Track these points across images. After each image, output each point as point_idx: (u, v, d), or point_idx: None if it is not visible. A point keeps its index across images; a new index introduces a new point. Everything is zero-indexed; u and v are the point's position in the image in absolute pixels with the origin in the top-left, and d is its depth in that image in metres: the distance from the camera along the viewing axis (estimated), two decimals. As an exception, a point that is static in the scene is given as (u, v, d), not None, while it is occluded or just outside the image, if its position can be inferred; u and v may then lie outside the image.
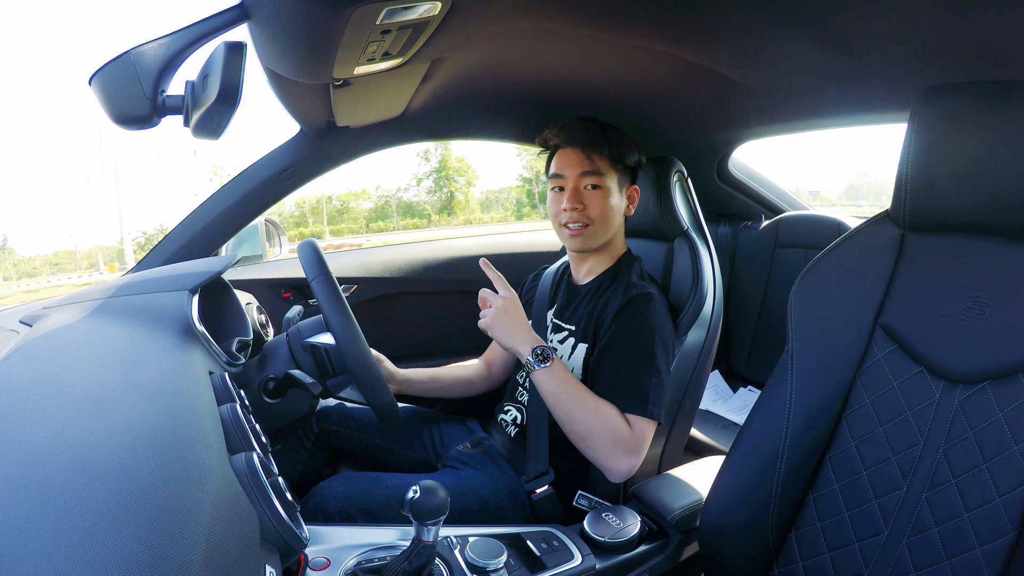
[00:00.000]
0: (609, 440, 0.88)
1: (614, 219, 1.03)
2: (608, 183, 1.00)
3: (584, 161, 1.00)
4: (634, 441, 0.88)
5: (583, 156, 1.00)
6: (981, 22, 0.69)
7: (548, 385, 0.90)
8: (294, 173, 1.31)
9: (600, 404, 0.90)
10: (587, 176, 1.00)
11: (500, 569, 0.70)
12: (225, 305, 1.00)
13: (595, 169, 1.00)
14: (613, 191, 1.01)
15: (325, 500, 0.90)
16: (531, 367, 0.90)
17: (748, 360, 1.85)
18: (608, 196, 1.00)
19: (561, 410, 0.90)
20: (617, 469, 0.88)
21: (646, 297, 0.96)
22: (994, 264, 0.66)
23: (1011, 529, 0.59)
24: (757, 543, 0.75)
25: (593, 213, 1.00)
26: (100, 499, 0.37)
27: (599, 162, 1.00)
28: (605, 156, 1.00)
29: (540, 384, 0.90)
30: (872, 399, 0.72)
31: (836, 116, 1.22)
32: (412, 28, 0.64)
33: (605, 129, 1.03)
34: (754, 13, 0.78)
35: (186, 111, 0.65)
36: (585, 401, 0.89)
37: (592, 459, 0.90)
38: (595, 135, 1.01)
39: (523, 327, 0.93)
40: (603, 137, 1.01)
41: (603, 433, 0.88)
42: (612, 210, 1.01)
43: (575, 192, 1.00)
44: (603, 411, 0.89)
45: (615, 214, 1.02)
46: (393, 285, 1.61)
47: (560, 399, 0.89)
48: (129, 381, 0.56)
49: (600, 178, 1.00)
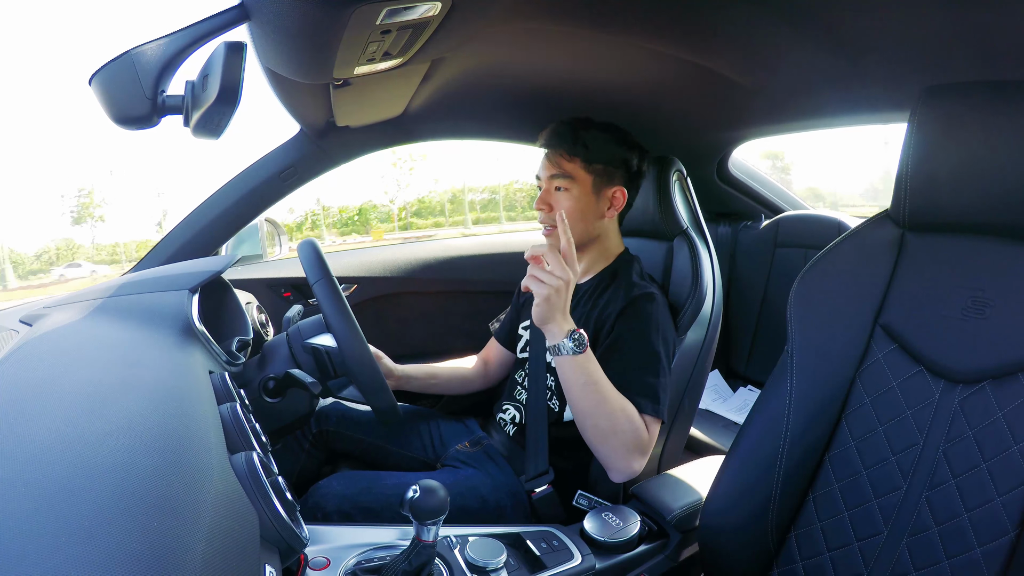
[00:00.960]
0: (628, 439, 0.86)
1: (581, 221, 1.01)
2: (576, 185, 1.00)
3: (554, 164, 1.01)
4: (646, 442, 0.88)
5: (555, 158, 1.02)
6: (981, 22, 0.69)
7: (578, 375, 0.85)
8: (294, 173, 1.31)
9: (625, 403, 0.87)
10: (555, 179, 1.01)
11: (500, 569, 0.70)
12: (225, 305, 1.00)
13: (562, 172, 1.01)
14: (582, 193, 1.01)
15: (324, 499, 0.90)
16: (563, 350, 0.84)
17: (748, 360, 1.85)
18: (573, 198, 1.00)
19: (588, 403, 0.85)
20: (627, 469, 0.87)
21: (649, 297, 0.96)
22: (994, 264, 0.66)
23: (1011, 529, 0.59)
24: (757, 543, 0.75)
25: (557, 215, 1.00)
26: (100, 498, 0.37)
27: (566, 165, 1.01)
28: (576, 158, 1.00)
29: (569, 371, 0.85)
30: (872, 399, 0.72)
31: (836, 116, 1.22)
32: (412, 28, 0.64)
33: (584, 131, 1.02)
34: (754, 13, 0.78)
35: (186, 111, 0.65)
36: (611, 398, 0.86)
37: (604, 457, 0.88)
38: (565, 138, 1.01)
39: (567, 309, 0.87)
40: (576, 139, 1.01)
41: (625, 431, 0.85)
42: (577, 212, 1.00)
43: (545, 193, 1.02)
44: (627, 410, 0.87)
45: (582, 216, 1.01)
46: (393, 285, 1.61)
47: (588, 390, 0.85)
48: (129, 380, 0.56)
49: (568, 180, 1.00)
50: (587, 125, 1.03)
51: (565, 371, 0.86)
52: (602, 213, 1.04)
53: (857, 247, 0.77)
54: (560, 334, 0.84)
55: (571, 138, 1.01)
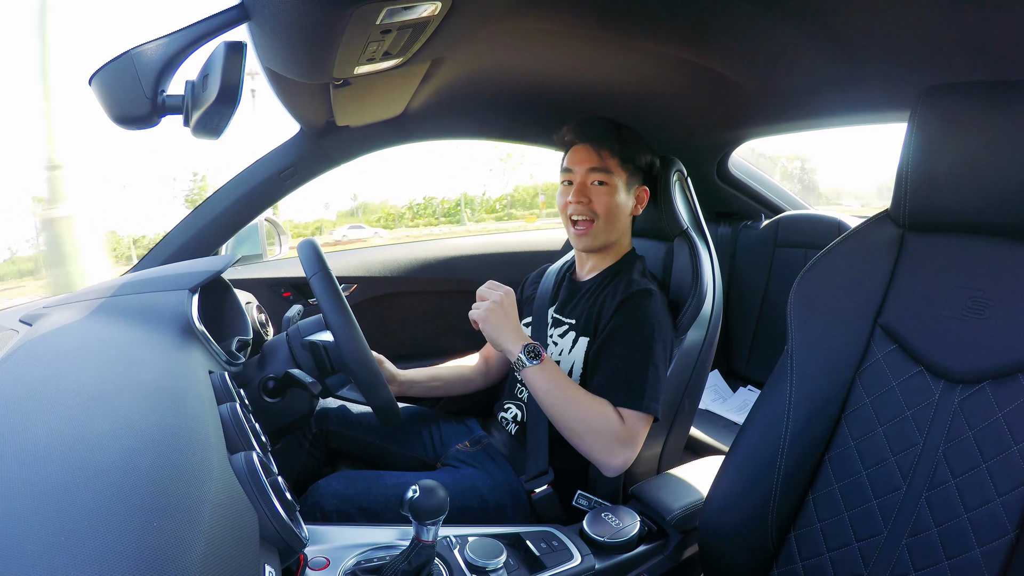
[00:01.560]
0: (603, 435, 0.89)
1: (619, 217, 1.04)
2: (615, 181, 1.02)
3: (594, 157, 1.02)
4: (627, 435, 0.89)
5: (593, 152, 1.02)
6: (981, 22, 0.69)
7: (540, 383, 0.90)
8: (294, 173, 1.31)
9: (593, 400, 0.91)
10: (595, 172, 1.02)
11: (499, 569, 0.70)
12: (225, 304, 1.00)
13: (603, 166, 1.01)
14: (620, 189, 1.02)
15: (323, 498, 0.90)
16: (522, 364, 0.91)
17: (748, 360, 1.85)
18: (614, 193, 1.02)
19: (555, 407, 0.91)
20: (611, 463, 0.89)
21: (645, 293, 0.97)
22: (994, 264, 0.66)
23: (1011, 529, 0.59)
24: (756, 543, 0.75)
25: (598, 208, 1.01)
26: (100, 498, 0.37)
27: (608, 160, 1.02)
28: (616, 154, 1.02)
29: (532, 381, 0.91)
30: (872, 399, 0.72)
31: (836, 116, 1.22)
32: (412, 28, 0.64)
33: (619, 128, 1.05)
34: (754, 13, 0.78)
35: (186, 111, 0.65)
36: (577, 398, 0.90)
37: (586, 454, 0.91)
38: (607, 133, 1.03)
39: (515, 325, 0.94)
40: (615, 136, 1.03)
41: (597, 429, 0.89)
42: (618, 207, 1.02)
43: (582, 186, 1.02)
44: (596, 407, 0.90)
45: (620, 212, 1.03)
46: (393, 285, 1.61)
47: (552, 396, 0.90)
48: (129, 380, 0.56)
49: (608, 175, 1.01)
50: (618, 125, 1.06)
51: (529, 382, 0.91)
52: (631, 211, 1.06)
53: (857, 247, 0.77)
54: (516, 350, 0.91)
55: (613, 134, 1.03)
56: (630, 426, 0.90)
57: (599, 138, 1.02)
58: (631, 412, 0.90)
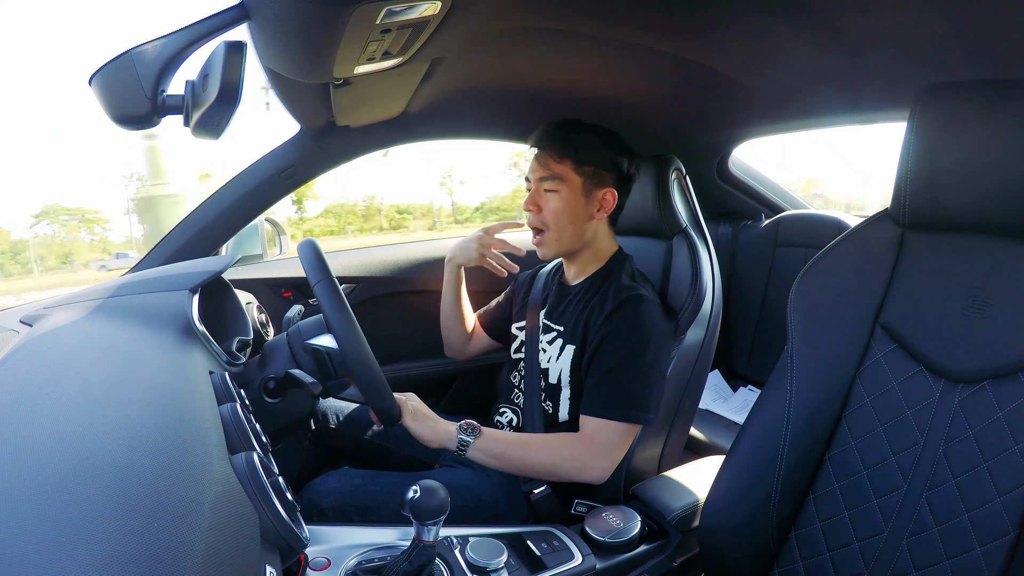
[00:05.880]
0: (569, 464, 0.91)
1: (572, 224, 1.01)
2: (565, 187, 0.99)
3: (541, 165, 1.01)
4: (601, 448, 0.90)
5: (543, 159, 1.01)
6: (981, 21, 0.69)
7: (488, 451, 0.92)
8: (294, 172, 1.31)
9: (546, 441, 0.94)
10: (544, 180, 1.01)
11: (500, 569, 0.70)
12: (225, 305, 1.00)
13: (551, 173, 1.00)
14: (571, 195, 1.00)
15: (319, 496, 0.90)
16: (466, 444, 0.92)
17: (748, 359, 1.85)
18: (562, 200, 0.99)
19: (513, 467, 0.93)
20: (592, 477, 0.91)
21: (637, 299, 0.95)
22: (994, 263, 0.66)
23: (1011, 529, 0.59)
24: (757, 543, 0.75)
25: (547, 216, 1.01)
26: (100, 499, 0.37)
27: (556, 166, 0.99)
28: (567, 160, 0.99)
29: (481, 454, 0.92)
30: (872, 398, 0.72)
31: (836, 115, 1.22)
32: (412, 27, 0.64)
33: (576, 132, 1.01)
34: (754, 12, 0.78)
35: (186, 111, 0.65)
36: (527, 448, 0.92)
37: (565, 481, 0.93)
38: (555, 139, 1.00)
39: (435, 417, 0.96)
40: (566, 141, 0.99)
41: (560, 463, 0.91)
42: (567, 213, 1.00)
43: (534, 194, 1.02)
44: (551, 445, 0.92)
45: (574, 218, 1.01)
46: (393, 285, 1.61)
47: (506, 458, 0.92)
48: (129, 381, 0.56)
49: (556, 182, 0.99)
50: (577, 127, 1.02)
51: (478, 458, 0.93)
52: (591, 215, 1.02)
53: (857, 247, 0.77)
54: (452, 440, 0.92)
55: (561, 140, 1.00)
56: (605, 438, 0.90)
57: (548, 144, 1.00)
58: (609, 423, 0.90)
